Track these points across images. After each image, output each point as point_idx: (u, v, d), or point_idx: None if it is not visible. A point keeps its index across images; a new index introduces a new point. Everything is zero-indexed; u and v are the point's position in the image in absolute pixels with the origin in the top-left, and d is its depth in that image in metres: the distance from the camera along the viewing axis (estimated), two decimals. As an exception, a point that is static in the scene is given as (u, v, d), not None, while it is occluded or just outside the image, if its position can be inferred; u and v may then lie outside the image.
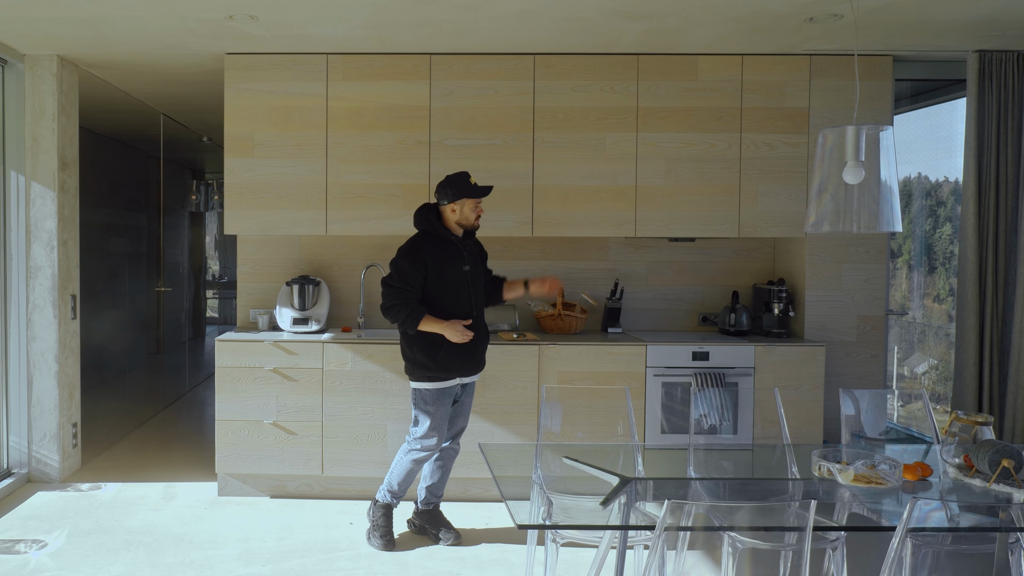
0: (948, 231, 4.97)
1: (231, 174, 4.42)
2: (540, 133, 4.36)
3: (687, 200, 4.37)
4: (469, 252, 3.65)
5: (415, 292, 3.53)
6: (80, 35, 4.08)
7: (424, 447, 3.61)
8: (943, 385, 5.01)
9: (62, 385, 4.59)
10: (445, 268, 3.56)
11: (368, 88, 4.37)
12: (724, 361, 4.20)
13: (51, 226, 4.50)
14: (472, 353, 3.60)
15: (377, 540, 3.65)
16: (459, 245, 3.61)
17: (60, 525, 3.88)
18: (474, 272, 3.65)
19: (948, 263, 5.05)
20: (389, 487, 3.70)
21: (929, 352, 5.14)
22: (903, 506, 2.37)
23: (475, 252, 3.71)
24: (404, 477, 3.67)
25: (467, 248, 3.64)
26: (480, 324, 3.67)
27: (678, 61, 4.34)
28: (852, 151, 2.32)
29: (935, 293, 5.16)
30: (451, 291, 3.57)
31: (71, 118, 4.67)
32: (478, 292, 3.67)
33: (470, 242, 3.67)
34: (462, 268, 3.59)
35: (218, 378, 4.24)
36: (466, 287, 3.61)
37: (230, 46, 4.27)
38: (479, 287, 3.69)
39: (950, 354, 4.93)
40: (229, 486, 4.33)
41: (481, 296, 3.70)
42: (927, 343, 5.17)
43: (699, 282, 4.79)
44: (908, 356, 5.16)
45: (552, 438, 3.02)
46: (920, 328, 5.11)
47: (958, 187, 4.89)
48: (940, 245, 5.06)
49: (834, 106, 4.34)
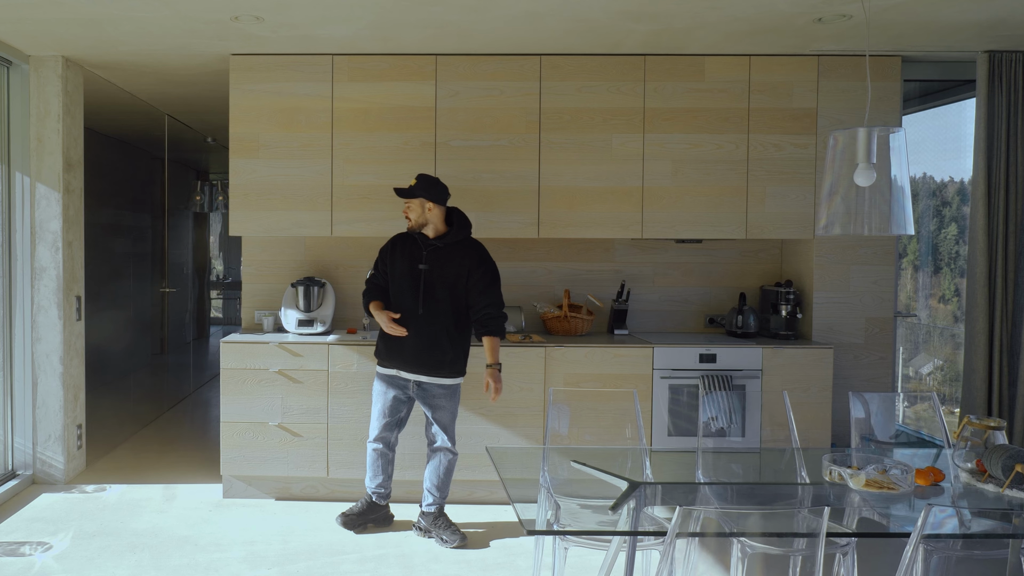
0: (954, 231, 4.94)
1: (236, 175, 4.41)
2: (546, 134, 4.34)
3: (694, 201, 4.35)
4: (432, 254, 3.70)
5: (380, 280, 3.86)
6: (85, 36, 4.07)
7: (370, 435, 3.87)
8: (948, 386, 4.99)
9: (67, 386, 4.58)
10: (401, 264, 3.75)
11: (373, 89, 4.35)
12: (731, 363, 4.17)
13: (56, 227, 4.49)
14: (402, 349, 3.71)
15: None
16: (421, 245, 3.73)
17: (65, 527, 3.87)
18: (432, 273, 3.68)
19: (953, 263, 5.02)
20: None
21: (934, 353, 5.12)
22: (915, 511, 2.35)
23: (443, 257, 3.69)
24: (368, 468, 3.91)
25: (430, 249, 3.71)
26: (421, 325, 3.68)
27: (685, 62, 4.32)
28: (863, 153, 2.30)
29: (940, 294, 5.13)
30: (399, 286, 3.75)
31: (76, 119, 4.66)
32: (432, 295, 3.67)
33: (439, 244, 3.70)
34: (417, 266, 3.70)
35: (223, 380, 4.23)
36: (415, 285, 3.70)
37: (235, 47, 4.25)
38: (437, 291, 3.67)
39: (955, 355, 4.92)
40: (234, 488, 4.32)
41: (440, 301, 3.67)
42: (932, 344, 5.15)
43: (706, 284, 4.77)
44: (913, 357, 5.14)
45: (559, 441, 3.00)
46: (925, 329, 5.09)
47: (963, 187, 4.87)
48: (945, 245, 5.04)
49: (842, 107, 4.31)
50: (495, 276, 3.71)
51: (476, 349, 4.16)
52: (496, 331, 3.68)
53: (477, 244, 3.78)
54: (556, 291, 4.76)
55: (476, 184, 4.35)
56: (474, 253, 3.72)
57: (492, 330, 3.67)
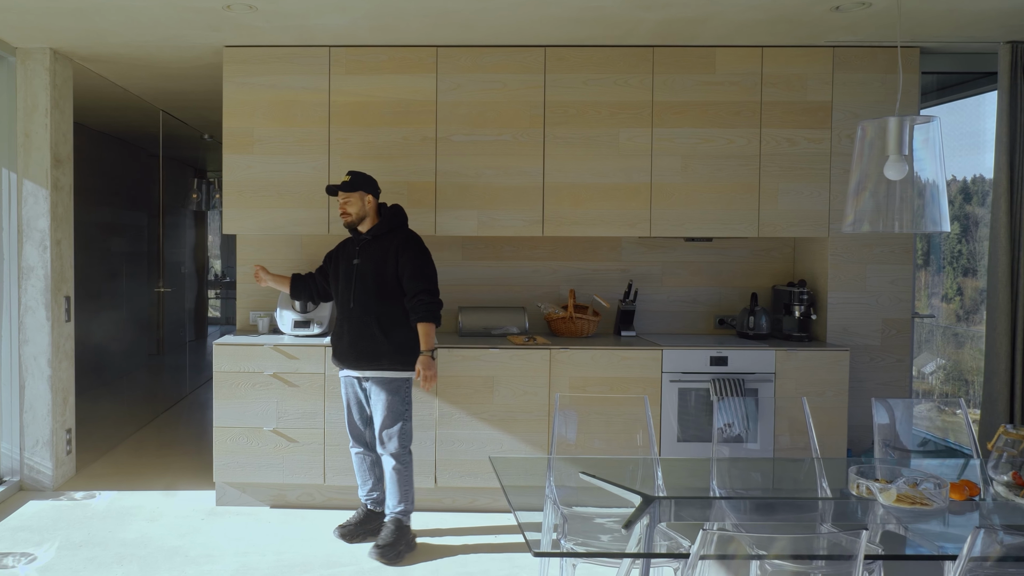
0: (956, 229, 4.78)
1: (230, 171, 4.26)
2: (551, 129, 4.19)
3: (704, 198, 4.19)
4: (364, 248, 3.66)
5: (314, 274, 3.97)
6: (73, 27, 3.92)
7: (349, 441, 3.83)
8: (950, 384, 4.90)
9: (56, 390, 4.43)
10: (341, 263, 3.74)
11: (372, 82, 4.20)
12: (743, 366, 4.02)
13: (44, 225, 4.34)
14: (341, 345, 3.68)
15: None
16: (355, 241, 3.70)
17: (51, 537, 3.73)
18: (364, 267, 3.63)
19: (955, 262, 4.90)
20: None
21: (937, 352, 4.99)
22: (949, 527, 2.20)
23: (374, 249, 3.63)
24: (356, 476, 3.86)
25: (362, 244, 3.66)
26: (354, 319, 3.63)
27: (695, 53, 4.16)
28: (895, 144, 2.14)
29: (943, 292, 5.01)
30: (337, 282, 3.75)
31: (65, 114, 4.51)
32: (364, 288, 3.62)
33: (369, 238, 3.65)
34: (351, 262, 3.67)
35: (216, 383, 4.08)
36: (348, 280, 3.67)
37: (228, 38, 4.10)
38: (368, 283, 3.61)
39: (958, 354, 4.81)
40: (227, 495, 4.17)
41: (371, 293, 3.60)
42: (935, 343, 5.02)
43: (715, 283, 4.61)
44: (916, 355, 5.00)
45: (567, 448, 2.85)
46: (927, 327, 4.95)
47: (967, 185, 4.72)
48: (948, 244, 4.90)
49: (858, 100, 4.15)
50: (424, 261, 3.60)
51: (465, 351, 4.01)
52: (426, 316, 3.55)
53: (409, 233, 3.69)
54: (560, 291, 4.61)
55: (478, 181, 4.20)
56: (402, 240, 3.63)
57: (422, 315, 3.55)
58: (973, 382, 5.60)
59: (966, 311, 6.34)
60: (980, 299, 6.71)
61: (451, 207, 4.21)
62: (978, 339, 5.98)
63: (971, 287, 6.61)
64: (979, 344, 6.01)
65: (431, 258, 3.65)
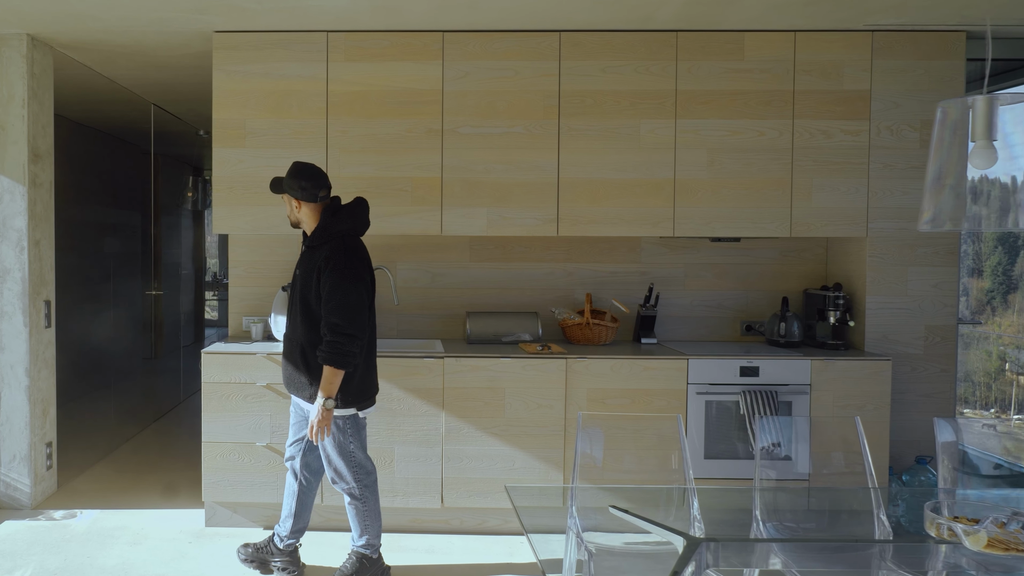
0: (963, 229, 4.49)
1: (220, 166, 3.96)
2: (566, 120, 3.87)
3: (732, 195, 3.87)
4: (301, 261, 3.14)
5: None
6: (48, 9, 3.62)
7: None
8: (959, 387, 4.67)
9: (34, 401, 4.13)
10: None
11: (373, 70, 3.89)
12: (776, 377, 3.70)
13: (21, 224, 4.04)
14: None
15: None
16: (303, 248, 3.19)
17: (24, 562, 3.42)
18: (295, 285, 3.12)
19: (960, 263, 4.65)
20: None
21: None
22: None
23: (306, 263, 3.08)
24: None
25: (301, 255, 3.16)
26: (286, 340, 3.18)
27: (722, 38, 3.85)
28: (982, 128, 1.83)
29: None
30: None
31: (44, 105, 4.21)
32: (293, 308, 3.12)
33: (304, 248, 3.14)
34: (295, 273, 3.17)
35: (205, 395, 3.77)
36: (291, 297, 3.17)
37: (218, 22, 3.80)
38: (295, 304, 3.09)
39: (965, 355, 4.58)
40: (217, 515, 3.87)
41: (294, 316, 3.09)
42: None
43: (742, 287, 4.30)
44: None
45: (591, 473, 2.53)
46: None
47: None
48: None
49: (900, 89, 3.83)
50: (345, 288, 2.92)
51: (474, 360, 3.70)
52: (328, 359, 2.90)
53: (336, 245, 3.01)
54: (575, 295, 4.30)
55: (488, 176, 3.88)
56: (327, 254, 2.99)
57: (324, 357, 2.92)
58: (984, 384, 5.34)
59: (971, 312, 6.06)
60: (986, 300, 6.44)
61: (458, 205, 3.89)
62: (983, 340, 5.72)
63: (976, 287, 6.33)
64: (985, 346, 5.75)
65: (357, 282, 2.95)
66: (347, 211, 3.09)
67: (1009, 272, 6.48)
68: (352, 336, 2.91)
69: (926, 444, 3.86)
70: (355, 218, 3.09)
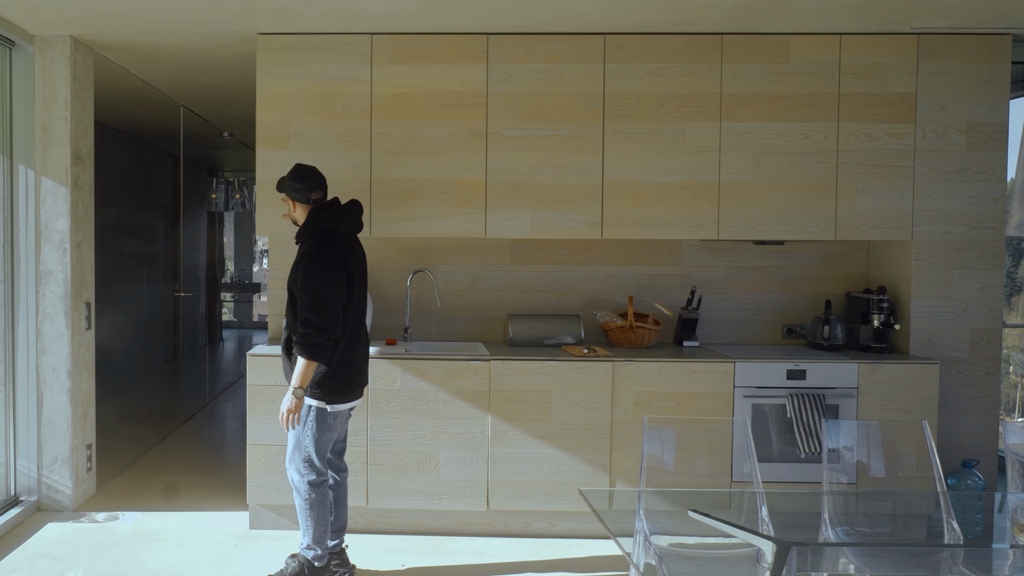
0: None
1: (263, 168, 3.95)
2: (611, 123, 3.87)
3: (776, 198, 3.87)
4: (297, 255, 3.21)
5: None
6: (97, 12, 3.62)
7: None
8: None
9: (75, 403, 4.13)
10: None
11: (418, 72, 3.89)
12: (823, 380, 3.70)
13: (63, 226, 4.04)
14: None
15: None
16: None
17: (73, 566, 3.42)
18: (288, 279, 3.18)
19: None
20: None
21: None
22: None
23: (296, 257, 3.17)
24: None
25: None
26: (283, 333, 3.22)
27: (767, 41, 3.85)
28: (1075, 133, 1.83)
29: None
30: None
31: (86, 107, 4.21)
32: (288, 301, 3.18)
33: (297, 244, 3.20)
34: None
35: (250, 397, 3.77)
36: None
37: (263, 25, 3.80)
38: (289, 297, 3.16)
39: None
40: (262, 518, 3.86)
41: (288, 308, 3.14)
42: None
43: (783, 290, 4.29)
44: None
45: (659, 476, 2.53)
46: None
47: None
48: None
49: (945, 92, 3.83)
50: (319, 281, 2.98)
51: (520, 363, 3.70)
52: (300, 350, 2.98)
53: (317, 241, 3.09)
54: (616, 298, 4.29)
55: (532, 179, 3.88)
56: (304, 250, 3.10)
57: (297, 348, 3.01)
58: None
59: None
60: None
61: (502, 207, 3.89)
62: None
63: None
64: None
65: (333, 277, 3.00)
66: (333, 212, 3.16)
67: (1013, 275, 6.48)
68: (322, 329, 2.97)
69: (972, 448, 3.85)
70: (339, 219, 3.15)
